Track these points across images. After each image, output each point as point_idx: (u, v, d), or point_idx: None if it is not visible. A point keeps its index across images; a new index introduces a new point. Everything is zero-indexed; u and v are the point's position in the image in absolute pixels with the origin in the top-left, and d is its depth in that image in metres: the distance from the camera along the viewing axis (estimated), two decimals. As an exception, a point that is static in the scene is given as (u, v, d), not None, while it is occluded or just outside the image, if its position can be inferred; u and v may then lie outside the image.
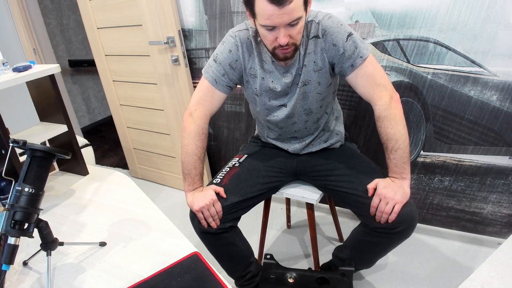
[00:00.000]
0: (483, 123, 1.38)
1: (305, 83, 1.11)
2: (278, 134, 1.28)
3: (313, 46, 1.06)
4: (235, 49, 1.11)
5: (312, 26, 1.05)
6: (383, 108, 1.04)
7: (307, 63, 1.08)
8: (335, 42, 1.03)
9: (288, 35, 0.94)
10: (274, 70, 1.11)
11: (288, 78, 1.11)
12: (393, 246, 1.14)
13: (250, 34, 1.10)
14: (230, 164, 1.27)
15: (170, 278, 0.87)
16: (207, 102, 1.15)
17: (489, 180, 1.46)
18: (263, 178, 1.23)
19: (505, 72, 1.27)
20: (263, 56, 1.11)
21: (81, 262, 0.98)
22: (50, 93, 1.36)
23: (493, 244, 1.58)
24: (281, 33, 0.93)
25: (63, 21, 3.48)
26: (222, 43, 1.13)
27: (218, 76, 1.13)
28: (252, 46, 1.11)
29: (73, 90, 3.68)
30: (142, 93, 2.18)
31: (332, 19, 1.04)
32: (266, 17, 0.90)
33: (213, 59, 1.14)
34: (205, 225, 1.10)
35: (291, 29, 0.93)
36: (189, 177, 1.13)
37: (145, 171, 2.55)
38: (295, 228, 1.89)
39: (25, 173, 0.86)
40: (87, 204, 1.27)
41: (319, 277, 1.12)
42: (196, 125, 1.13)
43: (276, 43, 0.96)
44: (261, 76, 1.13)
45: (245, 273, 1.26)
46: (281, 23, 0.91)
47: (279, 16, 0.89)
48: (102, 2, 2.01)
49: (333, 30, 1.03)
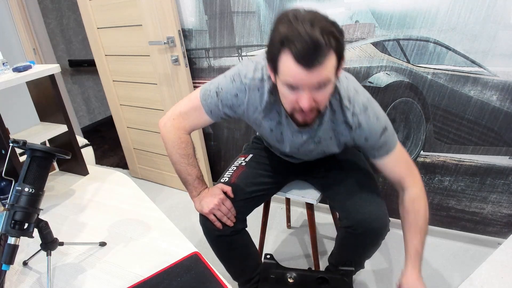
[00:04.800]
0: (483, 123, 1.38)
1: (318, 142, 1.04)
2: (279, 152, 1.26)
3: (343, 130, 0.98)
4: (242, 96, 0.98)
5: (346, 112, 0.94)
6: (419, 193, 1.00)
7: (325, 128, 0.99)
8: (368, 137, 0.96)
9: (313, 100, 0.82)
10: (285, 126, 1.02)
11: (299, 138, 1.03)
12: (368, 248, 1.14)
13: (266, 89, 0.96)
14: (236, 163, 1.26)
15: (170, 278, 0.87)
16: (191, 119, 1.06)
17: (489, 180, 1.46)
18: (269, 178, 1.23)
19: (505, 72, 1.27)
20: (278, 108, 0.99)
21: (81, 262, 0.98)
22: (50, 93, 1.36)
23: (493, 244, 1.58)
24: (305, 95, 0.80)
25: (63, 21, 3.48)
26: (232, 81, 0.99)
27: (214, 109, 1.03)
28: (263, 99, 0.98)
29: (73, 90, 3.68)
30: (142, 93, 2.18)
31: (368, 114, 0.93)
32: (290, 76, 0.78)
33: (216, 91, 1.01)
34: (220, 226, 1.07)
35: (317, 93, 0.81)
36: (188, 184, 1.09)
37: (145, 171, 2.55)
38: (295, 228, 1.89)
39: (25, 173, 0.86)
40: (87, 204, 1.27)
41: (319, 277, 1.12)
42: (172, 134, 1.05)
43: (297, 105, 0.83)
44: (270, 129, 1.05)
45: (253, 276, 1.26)
46: (306, 86, 0.79)
47: (306, 77, 0.77)
48: (102, 2, 2.01)
49: (369, 127, 0.94)
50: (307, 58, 0.74)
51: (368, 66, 1.48)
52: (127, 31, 2.01)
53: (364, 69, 1.49)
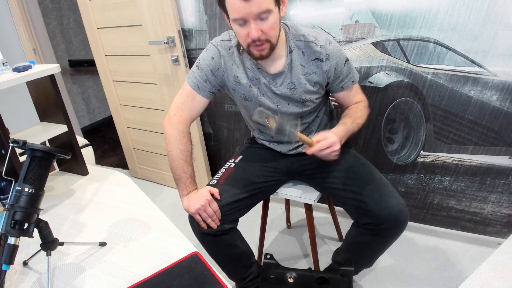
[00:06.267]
0: (483, 123, 1.38)
1: (293, 88, 1.12)
2: (270, 137, 1.29)
3: (314, 67, 1.10)
4: (217, 57, 1.12)
5: (313, 48, 1.08)
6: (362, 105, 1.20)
7: (295, 69, 1.10)
8: (336, 67, 1.10)
9: (260, 30, 0.94)
10: (260, 77, 1.12)
11: (275, 87, 1.12)
12: (387, 243, 1.14)
13: (233, 44, 1.11)
14: (226, 165, 1.27)
15: (170, 278, 0.87)
16: (187, 107, 1.16)
17: (489, 180, 1.46)
18: (258, 178, 1.23)
19: (505, 72, 1.27)
20: (247, 64, 1.12)
21: (81, 262, 0.98)
22: (50, 93, 1.36)
23: (493, 244, 1.58)
24: (251, 26, 0.93)
25: (63, 21, 3.48)
26: (206, 50, 1.14)
27: (200, 82, 1.14)
28: (234, 55, 1.12)
29: (73, 90, 3.68)
30: (142, 93, 2.18)
31: (333, 44, 1.09)
32: (235, 10, 0.92)
33: (196, 65, 1.15)
34: (205, 227, 1.10)
35: (262, 23, 0.94)
36: (180, 182, 1.13)
37: (145, 171, 2.55)
38: (295, 228, 1.89)
39: (25, 173, 0.86)
40: (87, 204, 1.27)
41: (319, 277, 1.12)
42: (175, 129, 1.14)
43: (248, 38, 0.96)
44: (248, 83, 1.14)
45: (247, 275, 1.26)
46: (249, 15, 0.91)
47: (246, 7, 0.90)
48: (102, 2, 2.01)
49: (336, 56, 1.09)
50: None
51: (368, 66, 1.48)
52: (127, 31, 2.01)
53: (364, 69, 1.49)
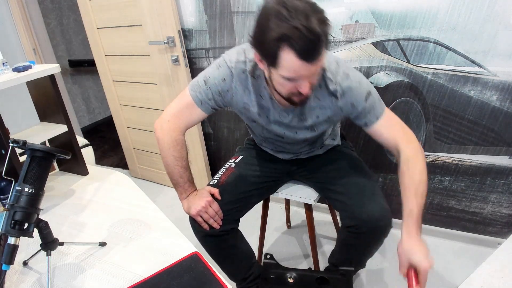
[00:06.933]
0: (483, 123, 1.38)
1: (304, 120, 1.07)
2: (272, 147, 1.27)
3: (329, 102, 1.01)
4: (229, 80, 1.03)
5: (329, 84, 0.98)
6: (412, 153, 0.96)
7: (311, 106, 1.03)
8: (354, 103, 0.98)
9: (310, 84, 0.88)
10: (271, 108, 1.06)
11: (286, 118, 1.07)
12: (371, 247, 1.14)
13: (247, 69, 1.01)
14: (226, 165, 1.27)
15: (170, 278, 0.87)
16: (184, 117, 1.09)
17: (489, 180, 1.46)
18: (258, 178, 1.23)
19: (505, 72, 1.27)
20: (261, 91, 1.04)
21: (81, 262, 0.98)
22: (50, 93, 1.36)
23: (493, 244, 1.58)
24: (306, 84, 0.86)
25: (63, 21, 3.48)
26: (218, 67, 1.04)
27: (204, 98, 1.06)
28: (248, 81, 1.03)
29: (73, 90, 3.68)
30: (142, 93, 2.18)
31: (350, 79, 0.97)
32: (293, 70, 0.82)
33: (203, 79, 1.05)
34: (207, 228, 1.09)
35: (314, 78, 0.89)
36: (178, 186, 1.12)
37: (145, 171, 2.55)
38: (295, 228, 1.89)
39: (25, 173, 0.86)
40: (87, 204, 1.27)
41: (319, 277, 1.11)
42: (169, 136, 1.07)
43: (295, 90, 0.89)
44: (257, 112, 1.08)
45: (247, 275, 1.26)
46: (306, 76, 0.84)
47: (307, 69, 0.81)
48: (102, 2, 2.01)
49: (353, 92, 0.97)
50: (310, 53, 0.77)
51: (368, 66, 1.48)
52: (127, 31, 2.01)
53: (364, 69, 1.49)
